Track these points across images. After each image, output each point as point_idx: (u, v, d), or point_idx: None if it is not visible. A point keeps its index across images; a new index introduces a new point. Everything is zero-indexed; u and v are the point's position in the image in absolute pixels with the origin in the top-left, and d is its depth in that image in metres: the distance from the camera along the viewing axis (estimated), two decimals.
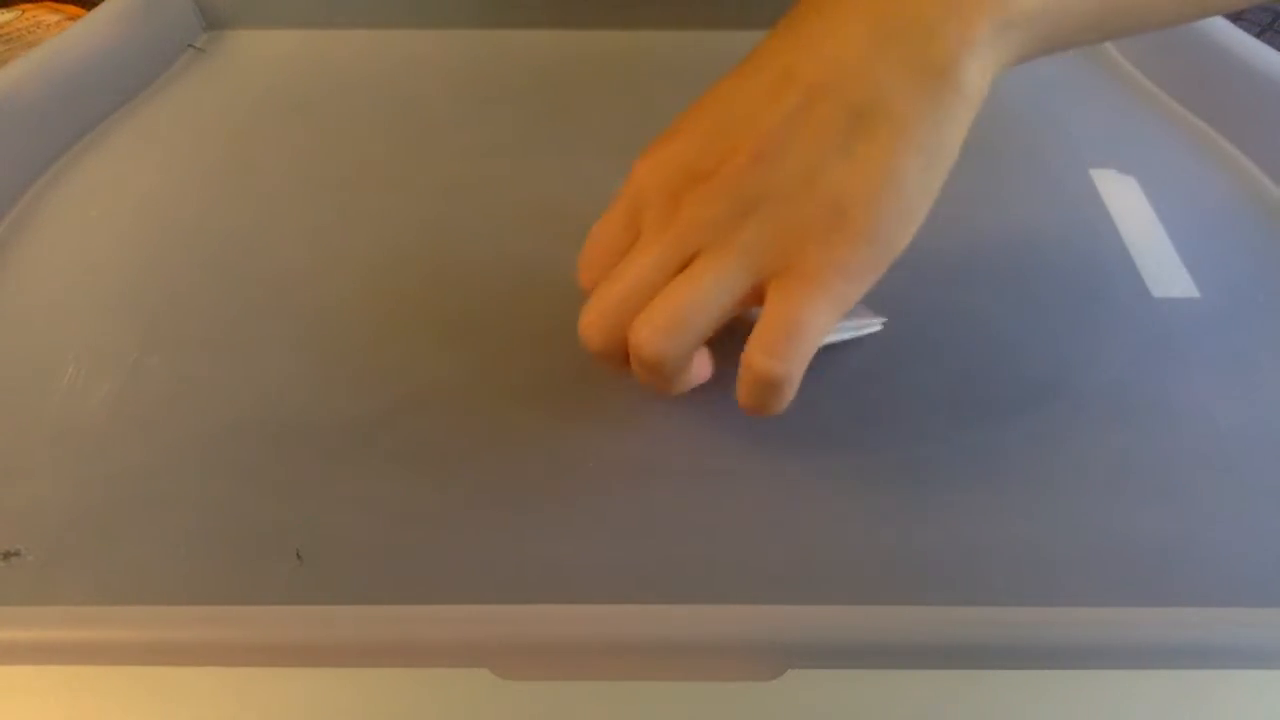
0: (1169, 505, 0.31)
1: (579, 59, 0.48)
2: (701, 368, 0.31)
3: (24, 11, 0.67)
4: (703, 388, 0.34)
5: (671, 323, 0.27)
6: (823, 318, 0.27)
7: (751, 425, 0.33)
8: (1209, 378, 0.35)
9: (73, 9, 0.69)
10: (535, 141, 0.45)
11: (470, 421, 0.33)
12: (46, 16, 0.67)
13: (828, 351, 0.34)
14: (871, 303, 0.37)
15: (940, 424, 0.33)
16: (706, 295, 0.27)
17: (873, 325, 0.35)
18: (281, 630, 0.25)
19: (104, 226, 0.41)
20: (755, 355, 0.27)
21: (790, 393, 0.28)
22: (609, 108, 0.47)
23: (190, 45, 0.54)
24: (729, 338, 0.30)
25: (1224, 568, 0.29)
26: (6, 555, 0.28)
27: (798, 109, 0.27)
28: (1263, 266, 0.40)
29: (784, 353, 0.27)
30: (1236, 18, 0.60)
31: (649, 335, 0.27)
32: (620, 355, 0.29)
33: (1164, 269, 0.40)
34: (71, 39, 0.47)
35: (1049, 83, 0.55)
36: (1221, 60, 0.50)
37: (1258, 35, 0.53)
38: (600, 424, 0.33)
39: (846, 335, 0.35)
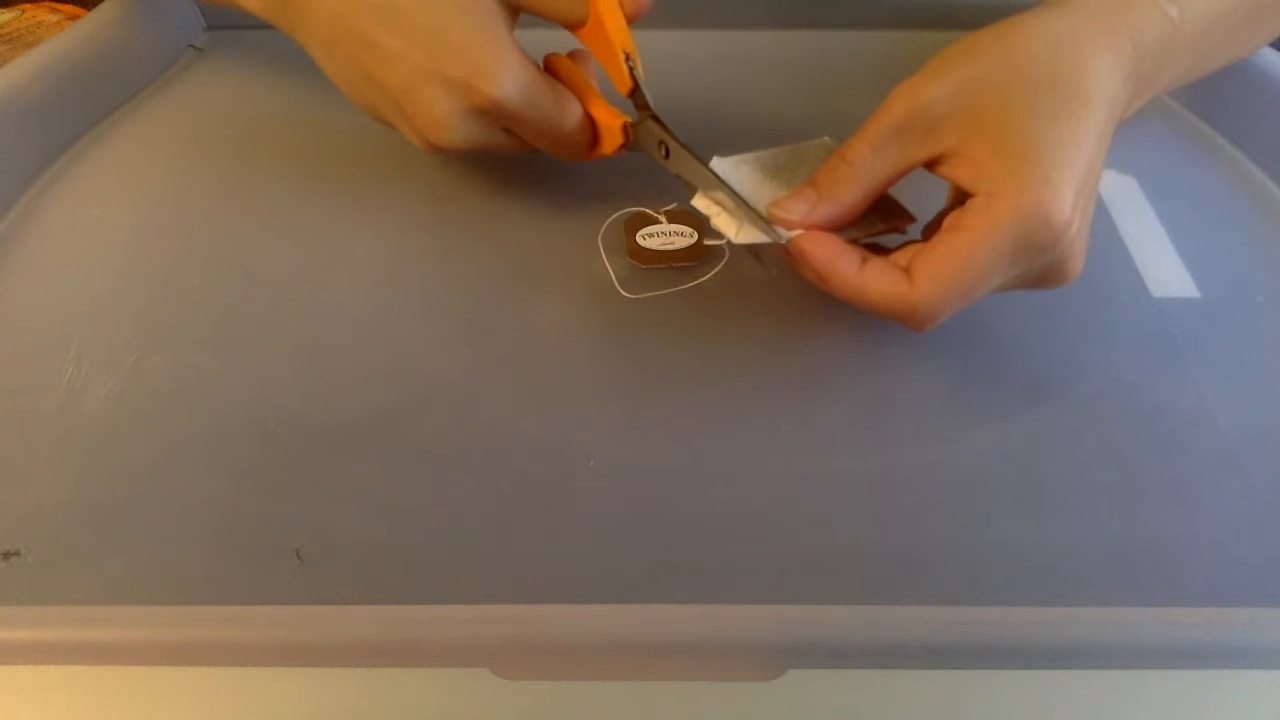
0: (1169, 505, 0.31)
1: None
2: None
3: (24, 11, 0.67)
4: (700, 387, 0.34)
5: None
6: None
7: (750, 426, 0.33)
8: (1209, 378, 0.35)
9: (73, 9, 0.69)
10: None
11: (470, 421, 0.33)
12: (46, 16, 0.67)
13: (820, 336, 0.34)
14: None
15: (940, 424, 0.33)
16: None
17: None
18: (281, 630, 0.25)
19: (105, 226, 0.41)
20: None
21: None
22: None
23: (190, 45, 0.54)
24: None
25: (1224, 568, 0.29)
26: (6, 555, 0.28)
27: None
28: (1263, 266, 0.40)
29: None
30: None
31: None
32: None
33: (1164, 269, 0.40)
34: (71, 39, 0.47)
35: None
36: None
37: None
38: (600, 424, 0.33)
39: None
